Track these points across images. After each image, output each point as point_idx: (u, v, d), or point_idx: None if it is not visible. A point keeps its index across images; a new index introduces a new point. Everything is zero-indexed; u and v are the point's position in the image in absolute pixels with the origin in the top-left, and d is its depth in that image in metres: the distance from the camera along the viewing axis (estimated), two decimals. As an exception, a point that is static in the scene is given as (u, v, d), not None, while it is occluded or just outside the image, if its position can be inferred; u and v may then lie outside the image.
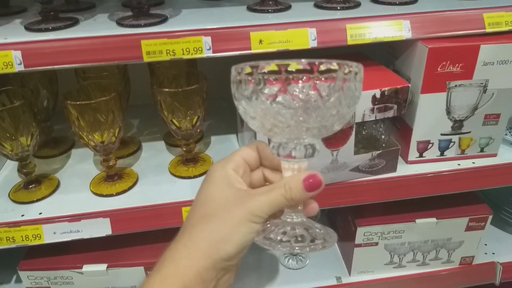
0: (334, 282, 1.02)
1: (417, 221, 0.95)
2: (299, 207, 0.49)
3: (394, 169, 0.86)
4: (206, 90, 0.82)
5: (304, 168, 0.48)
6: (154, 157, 0.98)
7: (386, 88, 0.77)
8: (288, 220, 0.48)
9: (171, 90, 0.78)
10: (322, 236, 0.46)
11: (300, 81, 0.41)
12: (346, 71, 0.42)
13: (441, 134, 0.86)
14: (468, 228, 0.98)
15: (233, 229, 0.45)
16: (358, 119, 0.79)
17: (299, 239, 0.46)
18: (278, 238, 0.46)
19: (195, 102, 0.80)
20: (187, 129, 0.83)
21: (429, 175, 0.86)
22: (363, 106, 0.78)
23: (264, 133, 0.47)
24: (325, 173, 0.82)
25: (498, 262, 1.05)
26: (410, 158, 0.89)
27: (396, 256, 1.00)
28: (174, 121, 0.81)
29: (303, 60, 0.42)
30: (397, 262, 1.02)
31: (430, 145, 0.87)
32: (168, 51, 0.70)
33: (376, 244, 0.97)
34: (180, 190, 0.85)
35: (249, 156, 0.52)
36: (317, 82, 0.42)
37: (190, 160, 0.91)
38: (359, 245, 0.97)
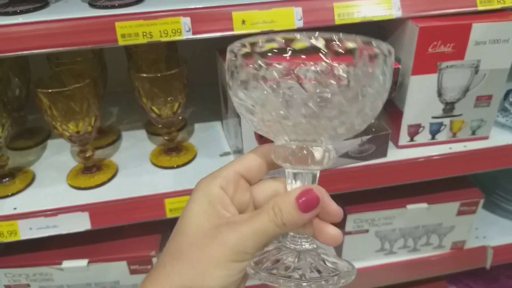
0: (324, 271, 1.00)
1: (408, 206, 0.93)
2: (307, 229, 0.37)
3: (384, 154, 0.84)
4: (187, 75, 0.78)
5: (313, 180, 0.38)
6: (134, 146, 0.94)
7: (376, 70, 0.74)
8: (292, 246, 0.37)
9: (149, 76, 0.74)
10: (338, 271, 0.36)
11: (311, 64, 0.32)
12: (373, 52, 0.34)
13: (432, 117, 0.84)
14: (460, 213, 0.96)
15: (207, 274, 0.34)
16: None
17: (311, 273, 0.35)
18: (279, 272, 0.35)
19: (176, 88, 0.76)
20: (168, 116, 0.79)
21: (420, 159, 0.84)
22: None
23: (265, 132, 0.37)
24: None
25: (489, 246, 1.04)
26: (400, 143, 0.86)
27: (387, 243, 0.99)
28: (154, 108, 0.78)
29: (317, 34, 0.33)
30: (388, 249, 1.00)
31: (421, 128, 0.85)
32: (144, 34, 0.67)
33: (367, 231, 0.95)
34: (162, 181, 0.82)
35: (249, 166, 0.40)
36: (335, 64, 0.32)
37: (172, 149, 0.88)
38: (350, 233, 0.95)
